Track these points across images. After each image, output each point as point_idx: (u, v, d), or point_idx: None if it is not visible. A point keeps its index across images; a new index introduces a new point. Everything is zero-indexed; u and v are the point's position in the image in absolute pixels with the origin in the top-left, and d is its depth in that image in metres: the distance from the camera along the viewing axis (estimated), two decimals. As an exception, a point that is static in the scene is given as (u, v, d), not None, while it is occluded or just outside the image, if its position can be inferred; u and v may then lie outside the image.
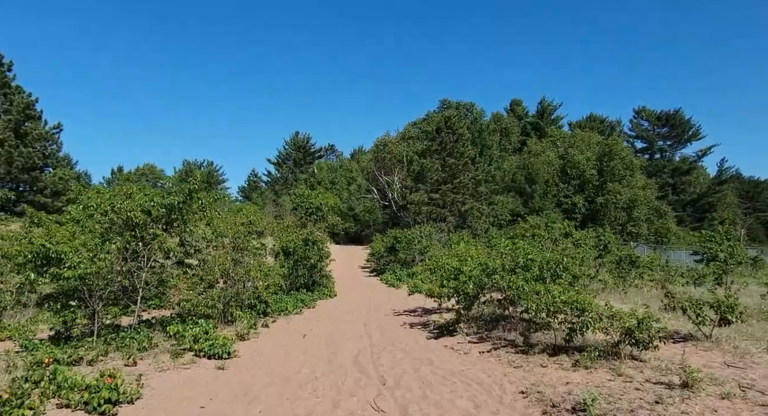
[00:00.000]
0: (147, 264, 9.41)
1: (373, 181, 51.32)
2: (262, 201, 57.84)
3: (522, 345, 8.66)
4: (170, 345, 8.78)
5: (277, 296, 15.18)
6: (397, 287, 21.44)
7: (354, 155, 78.95)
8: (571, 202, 45.08)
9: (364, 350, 9.27)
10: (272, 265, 18.05)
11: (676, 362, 7.13)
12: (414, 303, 15.55)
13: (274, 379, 7.14)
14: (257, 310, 12.40)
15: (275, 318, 13.05)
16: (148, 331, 9.28)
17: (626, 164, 44.48)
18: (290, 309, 13.78)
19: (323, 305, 15.99)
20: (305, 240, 17.53)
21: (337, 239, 48.74)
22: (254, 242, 15.14)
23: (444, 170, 40.71)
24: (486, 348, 9.00)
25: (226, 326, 10.94)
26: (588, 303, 7.60)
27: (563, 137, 52.42)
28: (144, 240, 9.39)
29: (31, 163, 31.74)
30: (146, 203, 9.14)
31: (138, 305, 9.39)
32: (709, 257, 14.58)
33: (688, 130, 72.45)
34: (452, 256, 12.75)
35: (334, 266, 22.13)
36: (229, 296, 10.96)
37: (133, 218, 9.13)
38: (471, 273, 10.36)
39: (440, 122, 42.57)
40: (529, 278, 9.27)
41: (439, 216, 38.38)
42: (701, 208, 68.08)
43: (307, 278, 18.21)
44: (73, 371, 6.55)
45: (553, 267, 9.43)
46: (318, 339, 10.28)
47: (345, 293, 18.88)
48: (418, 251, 25.41)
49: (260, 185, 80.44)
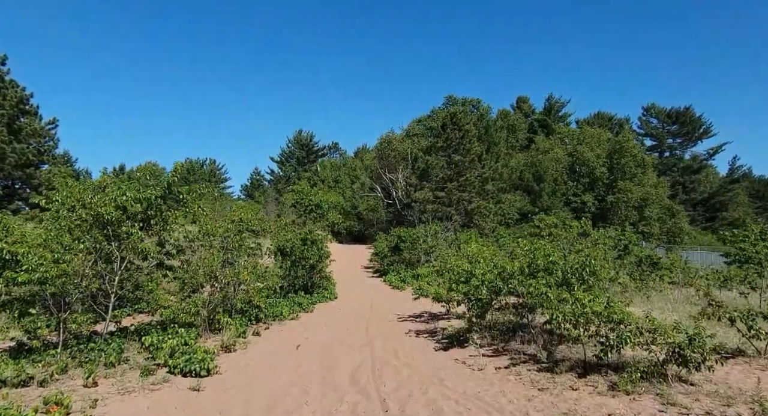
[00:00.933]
0: (121, 267, 8.34)
1: (377, 179, 50.17)
2: (264, 200, 56.86)
3: (545, 361, 7.55)
4: (144, 359, 7.72)
5: (272, 300, 14.12)
6: (401, 289, 20.33)
7: (358, 153, 77.90)
8: (580, 200, 43.82)
9: (364, 364, 8.18)
10: (269, 266, 17.03)
11: (733, 386, 6.00)
12: (420, 307, 14.45)
13: (254, 405, 6.04)
14: (248, 316, 11.34)
15: (269, 323, 11.98)
16: (121, 342, 8.21)
17: (638, 162, 43.16)
18: (285, 314, 12.70)
19: (322, 309, 14.91)
20: (303, 239, 16.44)
21: (340, 239, 47.68)
22: (249, 242, 14.11)
23: (450, 167, 39.49)
24: (503, 363, 7.88)
25: (212, 334, 9.87)
26: (626, 314, 6.46)
27: (571, 134, 51.12)
28: (119, 239, 8.33)
29: (24, 159, 30.82)
30: (119, 197, 8.06)
31: (109, 312, 8.32)
32: (742, 258, 13.39)
33: (698, 127, 70.96)
34: (462, 257, 11.63)
35: (336, 266, 21.06)
36: (215, 302, 9.89)
37: (104, 215, 8.06)
38: (484, 277, 9.24)
39: (446, 118, 41.33)
40: (552, 284, 8.15)
41: (445, 215, 37.18)
42: (712, 207, 66.64)
43: (306, 279, 17.13)
44: (15, 394, 5.49)
45: (579, 271, 8.30)
46: (313, 350, 9.19)
47: (346, 296, 17.79)
48: (423, 251, 24.28)
49: (263, 183, 79.60)
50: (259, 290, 12.09)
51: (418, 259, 24.50)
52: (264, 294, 12.58)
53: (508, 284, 8.95)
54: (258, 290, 10.89)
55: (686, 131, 71.92)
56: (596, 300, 6.99)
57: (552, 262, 8.78)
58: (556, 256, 8.83)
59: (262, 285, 12.82)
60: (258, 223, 14.79)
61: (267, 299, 13.27)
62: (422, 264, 23.95)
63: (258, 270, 12.78)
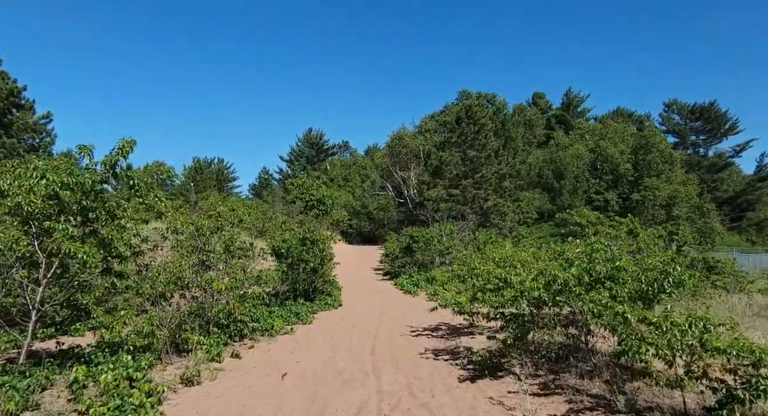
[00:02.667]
0: (46, 275, 6.30)
1: (387, 177, 48.01)
2: (271, 199, 54.97)
3: (624, 410, 5.35)
4: (66, 401, 5.67)
5: (265, 309, 12.08)
6: (413, 294, 18.18)
7: (368, 151, 75.91)
8: (603, 199, 41.29)
9: (367, 405, 6.06)
10: (263, 270, 14.97)
11: None
12: (436, 317, 12.30)
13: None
14: (229, 332, 9.27)
15: (256, 340, 9.91)
16: (44, 374, 6.16)
17: (665, 158, 40.50)
18: (277, 328, 10.58)
19: (323, 320, 12.81)
20: (302, 239, 14.35)
21: (349, 239, 45.65)
22: (238, 242, 12.08)
23: (464, 163, 37.28)
24: (560, 409, 5.70)
25: (177, 358, 7.82)
26: (763, 351, 4.26)
27: (593, 130, 48.54)
28: (51, 238, 6.29)
29: (15, 155, 29.16)
30: (38, 183, 6.00)
31: (29, 334, 6.28)
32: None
33: (724, 123, 67.83)
34: (487, 260, 9.46)
35: (344, 268, 19.01)
36: (180, 316, 7.82)
37: (25, 206, 6.04)
38: (524, 286, 7.05)
39: (460, 111, 39.05)
40: (624, 299, 5.96)
41: (459, 213, 34.91)
42: (739, 207, 63.46)
43: (307, 285, 15.06)
44: None
45: (660, 281, 6.10)
46: (302, 381, 7.09)
47: (352, 302, 15.68)
48: (438, 252, 22.08)
49: (272, 182, 77.85)
50: (242, 300, 10.05)
51: (432, 261, 22.32)
52: (249, 305, 10.54)
53: (562, 299, 6.77)
54: (241, 301, 8.83)
55: (711, 127, 68.87)
56: (699, 326, 4.80)
57: (617, 268, 6.58)
58: (624, 261, 6.62)
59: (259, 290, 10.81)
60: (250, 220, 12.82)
61: (255, 309, 11.24)
62: (436, 266, 21.78)
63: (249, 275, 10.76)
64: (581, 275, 6.40)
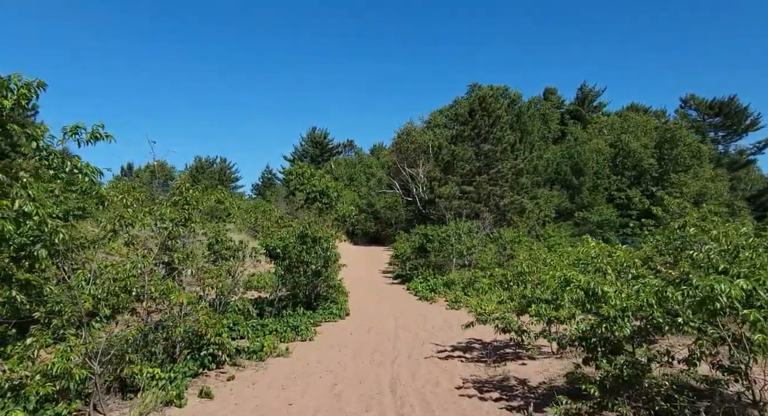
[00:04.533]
0: None
1: (395, 175, 45.55)
2: (274, 198, 52.74)
3: None
4: None
5: (255, 322, 9.78)
6: (430, 300, 15.84)
7: (374, 150, 73.59)
8: (625, 196, 38.67)
9: None
10: (254, 274, 12.66)
11: None
12: (465, 331, 9.95)
13: None
14: (200, 359, 6.94)
15: (240, 365, 7.62)
16: None
17: (693, 152, 37.86)
18: (268, 350, 8.25)
19: (327, 335, 10.50)
20: (302, 237, 11.99)
21: (354, 239, 43.31)
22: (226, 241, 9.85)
23: (478, 158, 34.74)
24: None
25: (120, 401, 5.51)
26: None
27: (612, 124, 45.92)
28: None
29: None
30: None
31: None
32: None
33: (744, 119, 65.12)
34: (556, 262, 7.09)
35: (350, 270, 16.67)
36: (123, 342, 5.50)
37: None
38: (628, 303, 4.65)
39: (473, 103, 36.54)
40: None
41: (473, 211, 32.44)
42: (761, 206, 60.70)
43: (308, 290, 12.76)
44: None
45: None
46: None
47: (361, 311, 13.36)
48: (457, 252, 19.68)
49: (275, 182, 75.74)
50: (223, 313, 7.75)
51: (448, 262, 19.94)
52: (230, 320, 8.21)
53: (676, 320, 4.41)
54: (213, 320, 6.49)
55: (730, 123, 66.16)
56: None
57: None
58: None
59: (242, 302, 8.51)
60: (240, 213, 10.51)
61: (242, 322, 8.92)
62: (455, 268, 19.41)
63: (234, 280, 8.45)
64: (732, 291, 3.97)
